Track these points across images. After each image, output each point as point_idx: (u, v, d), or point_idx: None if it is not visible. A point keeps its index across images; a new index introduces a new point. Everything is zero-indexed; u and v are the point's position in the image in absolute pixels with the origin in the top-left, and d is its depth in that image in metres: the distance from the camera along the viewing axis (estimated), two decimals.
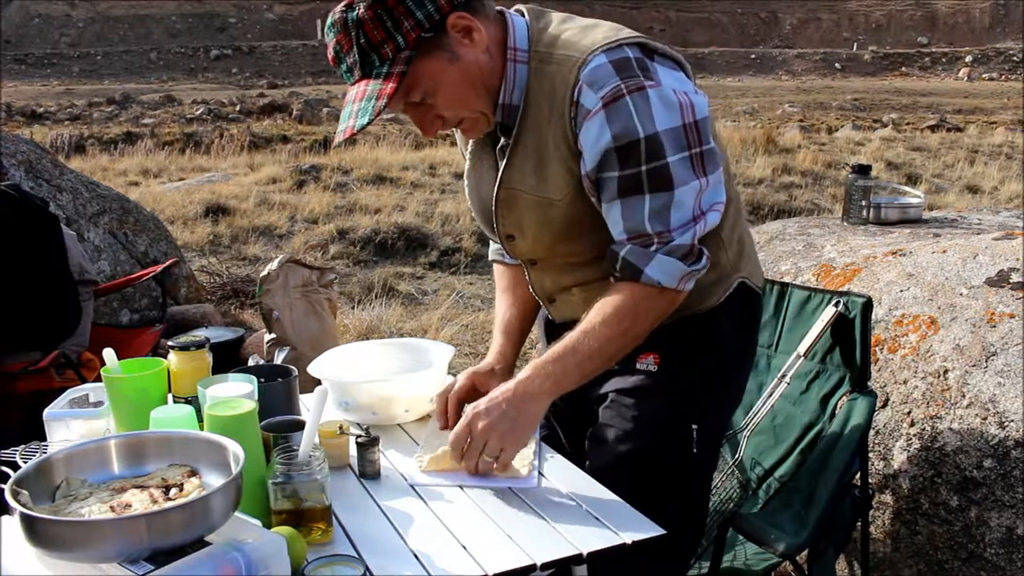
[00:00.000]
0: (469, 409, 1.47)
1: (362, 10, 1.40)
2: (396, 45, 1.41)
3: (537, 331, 1.92)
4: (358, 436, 1.54)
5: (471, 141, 1.68)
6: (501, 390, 1.47)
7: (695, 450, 1.61)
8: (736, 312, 1.65)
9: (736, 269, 1.63)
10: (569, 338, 1.50)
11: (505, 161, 1.55)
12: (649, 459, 1.60)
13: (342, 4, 1.44)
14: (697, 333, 1.61)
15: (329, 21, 1.46)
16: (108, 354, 1.55)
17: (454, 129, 1.62)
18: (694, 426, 1.61)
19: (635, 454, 1.60)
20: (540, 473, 1.54)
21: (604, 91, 1.40)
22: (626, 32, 1.50)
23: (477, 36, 1.45)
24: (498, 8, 1.53)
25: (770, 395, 2.15)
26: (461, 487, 1.50)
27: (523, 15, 1.55)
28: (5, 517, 1.19)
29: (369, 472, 1.52)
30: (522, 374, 1.49)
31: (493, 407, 1.44)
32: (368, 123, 1.41)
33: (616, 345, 1.50)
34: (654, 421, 1.60)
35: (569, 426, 1.80)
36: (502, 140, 1.57)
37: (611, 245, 1.49)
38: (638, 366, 1.62)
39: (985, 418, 2.09)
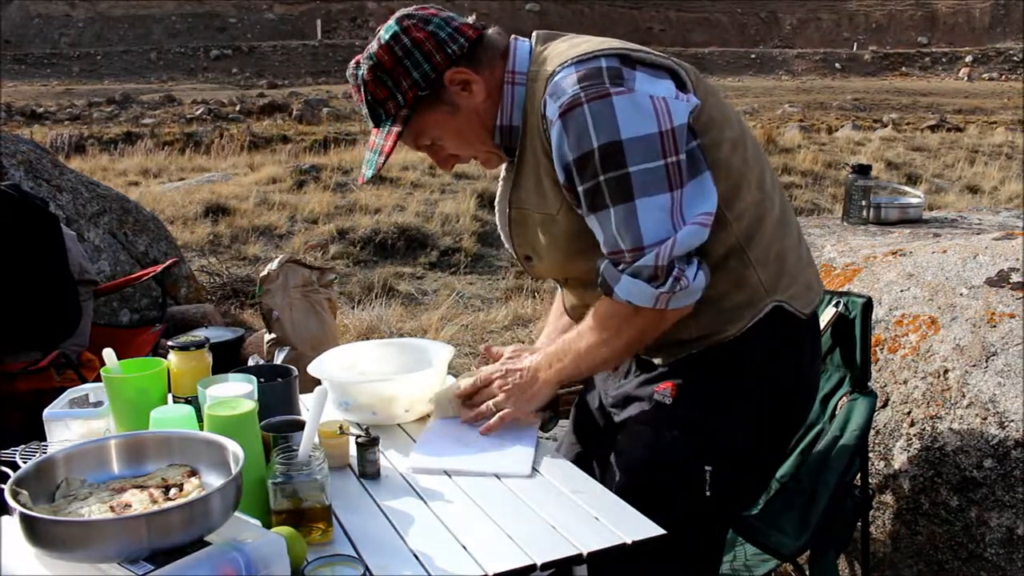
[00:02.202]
0: (500, 363, 1.71)
1: (365, 71, 1.49)
2: (396, 103, 1.50)
3: None
4: (358, 436, 1.54)
5: (503, 166, 1.68)
6: (527, 364, 1.65)
7: (708, 493, 1.52)
8: (767, 340, 1.51)
9: (771, 291, 1.50)
10: (570, 336, 1.59)
11: (512, 181, 1.57)
12: (656, 493, 1.51)
13: (354, 61, 1.53)
14: (718, 364, 1.52)
15: (348, 72, 1.55)
16: (108, 354, 1.55)
17: None
18: (707, 467, 1.51)
19: (642, 486, 1.53)
20: (535, 468, 1.55)
21: (561, 101, 1.39)
22: (612, 44, 1.46)
23: (476, 88, 1.50)
24: (512, 36, 1.56)
25: None
26: (448, 474, 1.52)
27: (531, 40, 1.57)
28: (5, 517, 1.19)
29: (369, 472, 1.52)
30: (539, 358, 1.64)
31: (515, 374, 1.65)
32: (372, 176, 1.54)
33: (602, 353, 1.55)
34: (665, 456, 1.54)
35: (597, 450, 1.78)
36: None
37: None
38: (655, 396, 1.56)
39: (985, 418, 2.09)
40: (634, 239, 1.39)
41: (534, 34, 1.58)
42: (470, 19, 1.55)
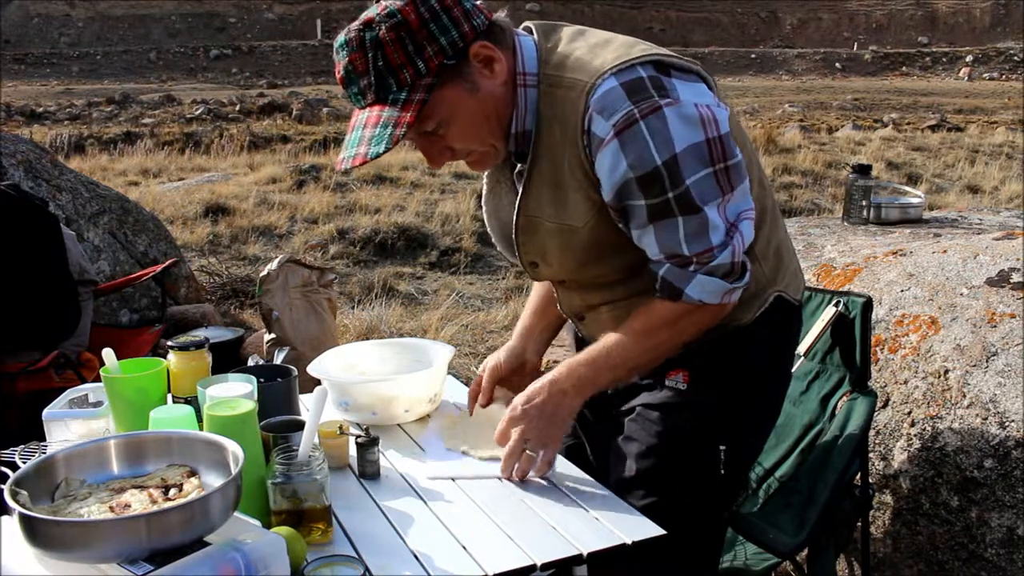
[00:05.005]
0: (507, 411, 1.51)
1: (383, 31, 1.32)
2: (416, 71, 1.34)
3: (568, 337, 1.90)
4: (358, 436, 1.54)
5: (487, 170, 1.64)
6: (536, 389, 1.50)
7: (722, 471, 1.56)
8: (772, 328, 1.58)
9: (772, 282, 1.57)
10: (605, 342, 1.51)
11: (522, 189, 1.50)
12: (671, 477, 1.55)
13: (359, 23, 1.36)
14: (729, 351, 1.55)
15: (341, 39, 1.37)
16: (108, 354, 1.55)
17: None
18: (722, 447, 1.56)
19: (657, 470, 1.55)
20: None
21: (616, 118, 1.34)
22: (639, 49, 1.42)
23: (498, 67, 1.40)
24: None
25: None
26: (453, 479, 1.51)
27: (532, 33, 1.49)
28: (5, 517, 1.19)
29: (369, 472, 1.52)
30: (556, 373, 1.51)
31: (529, 410, 1.49)
32: (384, 152, 1.34)
33: (651, 356, 1.52)
34: (679, 439, 1.56)
35: (596, 438, 1.77)
36: (518, 166, 1.52)
37: (649, 263, 1.46)
38: (667, 382, 1.57)
39: (986, 418, 2.09)
40: (704, 243, 1.40)
41: (532, 27, 1.49)
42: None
